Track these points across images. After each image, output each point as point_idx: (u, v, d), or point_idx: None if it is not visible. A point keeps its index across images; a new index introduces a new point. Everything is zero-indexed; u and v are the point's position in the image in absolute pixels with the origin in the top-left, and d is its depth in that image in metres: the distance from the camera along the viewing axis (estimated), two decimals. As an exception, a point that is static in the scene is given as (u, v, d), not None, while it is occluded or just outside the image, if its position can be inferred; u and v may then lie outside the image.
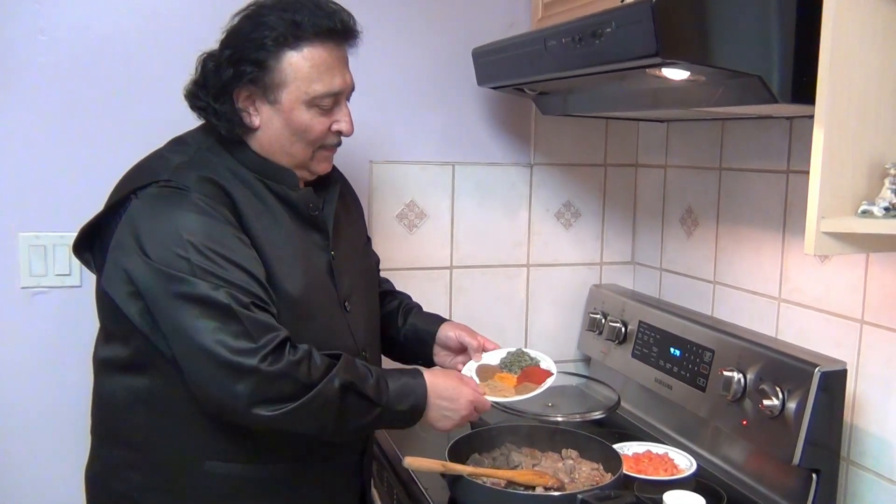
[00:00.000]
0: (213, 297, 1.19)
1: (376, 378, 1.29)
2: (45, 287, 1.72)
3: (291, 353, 1.21)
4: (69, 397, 1.70)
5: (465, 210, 2.05)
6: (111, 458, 1.37)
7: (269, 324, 1.21)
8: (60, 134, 1.69)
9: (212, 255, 1.21)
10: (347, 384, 1.24)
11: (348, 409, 1.25)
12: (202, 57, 1.35)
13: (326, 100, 1.33)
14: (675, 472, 1.57)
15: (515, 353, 1.59)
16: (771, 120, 1.68)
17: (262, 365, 1.17)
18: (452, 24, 1.96)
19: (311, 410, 1.22)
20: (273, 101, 1.31)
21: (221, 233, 1.24)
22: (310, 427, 1.26)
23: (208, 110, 1.33)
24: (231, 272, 1.21)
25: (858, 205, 1.15)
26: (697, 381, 1.67)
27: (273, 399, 1.19)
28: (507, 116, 2.06)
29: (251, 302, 1.21)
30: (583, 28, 1.28)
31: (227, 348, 1.17)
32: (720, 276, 1.88)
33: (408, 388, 1.32)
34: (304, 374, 1.21)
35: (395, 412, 1.30)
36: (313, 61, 1.30)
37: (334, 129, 1.37)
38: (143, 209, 1.26)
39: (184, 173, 1.28)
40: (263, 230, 1.31)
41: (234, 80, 1.29)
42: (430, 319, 1.65)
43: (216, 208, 1.25)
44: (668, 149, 2.07)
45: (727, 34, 1.15)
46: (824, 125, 1.12)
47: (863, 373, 1.48)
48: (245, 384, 1.18)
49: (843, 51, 1.10)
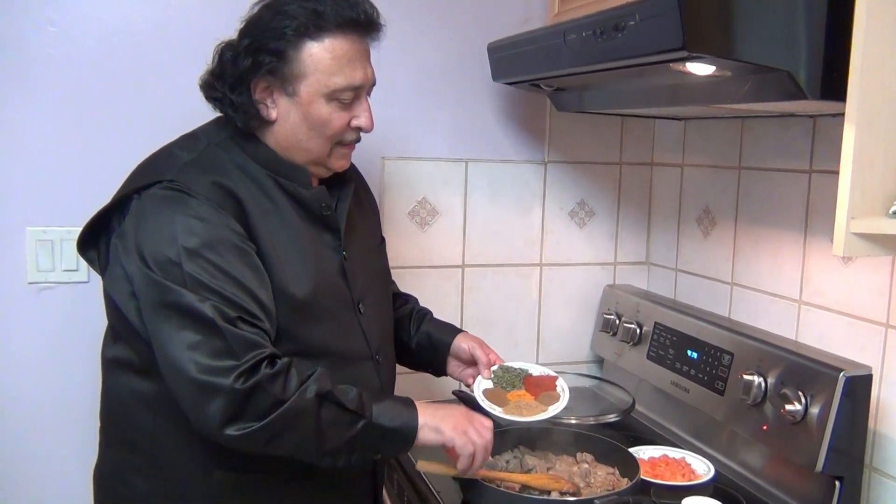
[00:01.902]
0: (198, 310, 1.14)
1: (358, 393, 1.22)
2: (52, 283, 1.69)
3: (268, 367, 1.14)
4: (76, 395, 1.68)
5: (477, 208, 2.02)
6: (118, 461, 1.35)
7: (253, 341, 1.15)
8: (69, 127, 1.67)
9: (206, 264, 1.17)
10: (323, 393, 1.17)
11: (327, 422, 1.18)
12: (220, 46, 1.31)
13: (347, 93, 1.29)
14: (692, 477, 1.53)
15: (503, 371, 1.55)
16: (793, 118, 1.64)
17: (236, 384, 1.11)
18: (466, 20, 1.93)
19: (285, 425, 1.15)
20: (291, 93, 1.27)
21: (221, 241, 1.20)
22: (288, 444, 1.18)
23: (224, 101, 1.29)
24: (223, 283, 1.17)
25: (889, 205, 1.11)
26: (716, 384, 1.63)
27: (246, 417, 1.13)
28: (521, 113, 2.02)
29: (238, 317, 1.15)
30: (605, 21, 1.25)
31: (201, 365, 1.12)
32: (738, 278, 1.84)
33: (395, 407, 1.24)
34: (279, 389, 1.14)
35: (382, 428, 1.21)
36: (334, 53, 1.26)
37: (354, 125, 1.33)
38: (144, 210, 1.23)
39: (190, 174, 1.24)
40: (270, 232, 1.27)
41: (252, 70, 1.25)
42: (444, 329, 1.61)
43: (219, 213, 1.21)
44: (686, 147, 2.03)
45: (755, 27, 1.11)
46: (855, 123, 1.08)
47: (887, 378, 1.44)
48: (217, 404, 1.12)
49: (875, 45, 1.07)
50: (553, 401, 1.49)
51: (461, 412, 1.31)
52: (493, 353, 1.56)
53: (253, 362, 1.13)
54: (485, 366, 1.53)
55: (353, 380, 1.32)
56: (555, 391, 1.52)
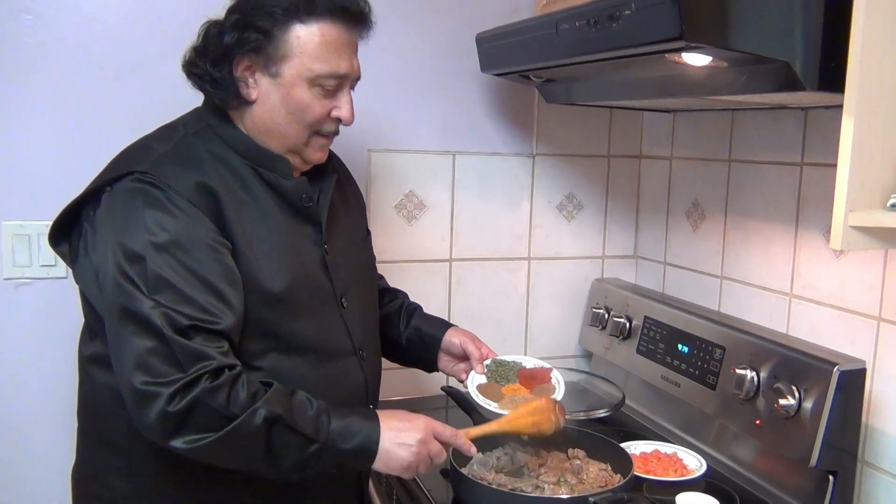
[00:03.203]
0: (147, 317, 1.11)
1: (316, 412, 1.17)
2: (28, 278, 1.65)
3: (208, 381, 1.10)
4: (55, 393, 1.64)
5: (465, 201, 1.99)
6: (96, 462, 1.32)
7: (200, 353, 1.11)
8: (47, 118, 1.62)
9: (172, 260, 1.14)
10: (274, 417, 1.12)
11: (278, 444, 1.14)
12: (206, 24, 1.28)
13: (330, 81, 1.26)
14: (684, 472, 1.52)
15: (496, 365, 1.53)
16: (785, 110, 1.63)
17: (173, 398, 1.08)
18: (453, 9, 1.90)
19: (231, 444, 1.11)
20: (274, 73, 1.24)
21: (190, 237, 1.16)
22: (236, 462, 1.15)
23: (204, 77, 1.26)
24: (186, 282, 1.13)
25: (887, 198, 1.10)
26: (707, 378, 1.62)
27: (187, 430, 1.10)
28: (509, 105, 2.00)
29: (191, 325, 1.11)
30: (599, 11, 1.22)
31: (143, 374, 1.09)
32: (728, 271, 1.83)
33: (355, 425, 1.19)
34: (222, 404, 1.10)
35: (339, 451, 1.18)
36: (322, 38, 1.24)
37: (334, 115, 1.30)
38: (114, 203, 1.20)
39: (163, 166, 1.21)
40: (246, 225, 1.24)
41: (236, 46, 1.22)
42: (435, 324, 1.59)
43: (190, 208, 1.18)
44: (675, 140, 2.02)
45: (753, 17, 1.09)
46: (854, 114, 1.06)
47: (880, 372, 1.43)
48: (154, 414, 1.09)
49: (874, 36, 1.05)
50: (549, 393, 1.48)
51: (422, 439, 1.24)
52: (485, 346, 1.54)
53: (194, 376, 1.10)
54: (477, 361, 1.51)
55: (336, 376, 1.29)
56: (550, 383, 1.50)
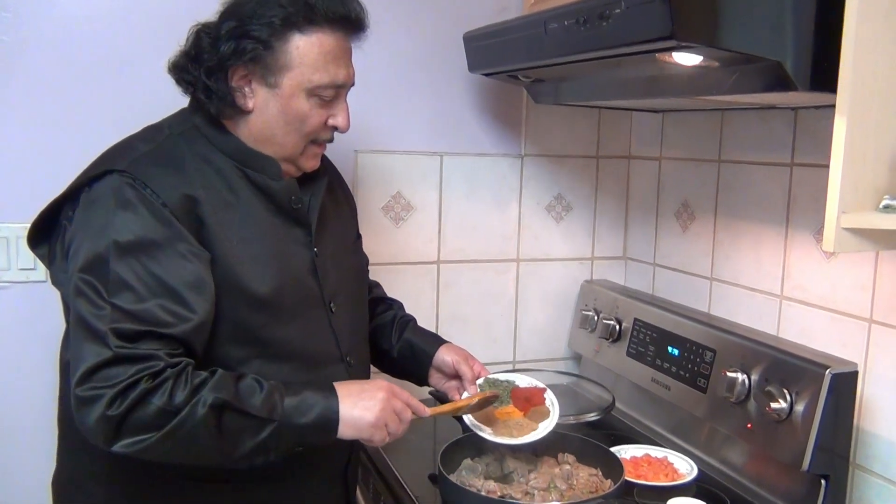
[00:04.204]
0: (96, 325, 1.08)
1: (267, 392, 1.14)
2: (6, 282, 1.61)
3: (148, 382, 1.07)
4: (34, 399, 1.60)
5: (453, 202, 1.97)
6: (76, 469, 1.29)
7: (146, 355, 1.08)
8: (25, 118, 1.58)
9: (135, 262, 1.11)
10: (219, 403, 1.10)
11: (230, 431, 1.11)
12: (196, 27, 1.25)
13: (328, 91, 1.25)
14: (675, 476, 1.51)
15: (489, 384, 1.49)
16: (774, 110, 1.62)
17: (114, 399, 1.06)
18: (440, 8, 1.88)
19: (179, 438, 1.09)
20: (272, 84, 1.22)
21: (157, 240, 1.14)
22: (189, 456, 1.12)
23: (197, 85, 1.23)
24: (146, 287, 1.11)
25: (879, 199, 1.09)
26: (698, 381, 1.60)
27: (130, 432, 1.07)
28: (497, 105, 1.98)
29: (142, 331, 1.09)
30: (588, 9, 1.20)
31: (89, 379, 1.07)
32: (717, 273, 1.82)
33: (310, 399, 1.17)
34: (164, 400, 1.07)
35: (297, 426, 1.15)
36: (322, 48, 1.22)
37: (330, 124, 1.29)
38: (89, 202, 1.18)
39: (143, 166, 1.18)
40: (229, 228, 1.21)
41: (233, 56, 1.19)
42: (427, 339, 1.55)
43: (162, 211, 1.15)
44: (664, 140, 2.00)
45: (745, 16, 1.08)
46: (846, 115, 1.05)
47: (871, 374, 1.42)
48: (94, 418, 1.06)
49: (866, 36, 1.04)
50: (543, 416, 1.44)
51: (383, 397, 1.22)
52: (477, 364, 1.50)
53: (135, 378, 1.07)
54: (470, 382, 1.47)
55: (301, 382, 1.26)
56: (544, 405, 1.47)
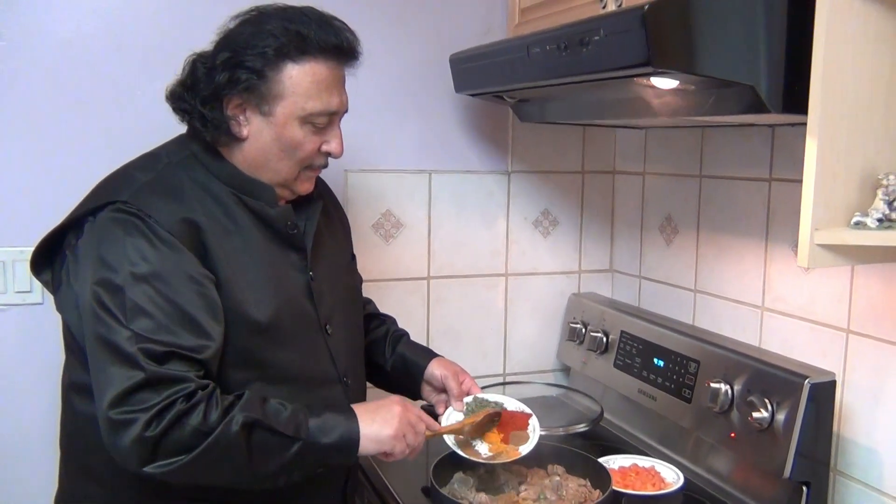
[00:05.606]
0: (124, 347, 1.11)
1: (292, 413, 1.19)
2: (3, 305, 1.63)
3: (183, 403, 1.11)
4: (33, 422, 1.62)
5: (442, 219, 2.01)
6: (78, 492, 1.31)
7: (176, 377, 1.12)
8: (21, 144, 1.61)
9: (152, 291, 1.14)
10: (251, 422, 1.14)
11: (259, 449, 1.15)
12: (192, 57, 1.28)
13: (321, 118, 1.28)
14: (662, 486, 1.54)
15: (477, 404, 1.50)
16: (753, 128, 1.67)
17: (148, 425, 1.09)
18: (427, 30, 1.92)
19: (213, 457, 1.12)
20: (266, 112, 1.25)
21: (170, 269, 1.17)
22: (218, 477, 1.16)
23: (193, 114, 1.26)
24: (164, 313, 1.14)
25: (851, 216, 1.13)
26: (682, 392, 1.64)
27: (165, 454, 1.11)
28: (484, 124, 2.02)
29: (169, 352, 1.12)
30: (569, 36, 1.25)
31: (121, 402, 1.10)
32: (701, 285, 1.86)
33: (332, 420, 1.21)
34: (199, 419, 1.11)
35: (321, 446, 1.19)
36: (314, 77, 1.25)
37: (324, 150, 1.32)
38: (96, 232, 1.20)
39: (145, 196, 1.21)
40: (230, 255, 1.24)
41: (228, 85, 1.22)
42: (419, 353, 1.58)
43: (172, 239, 1.18)
44: (647, 156, 2.05)
45: (718, 43, 1.12)
46: (817, 136, 1.10)
47: (849, 383, 1.47)
48: (130, 440, 1.09)
49: (835, 59, 1.08)
50: (521, 441, 1.46)
51: (399, 411, 1.27)
52: (468, 380, 1.52)
53: (169, 400, 1.10)
54: (456, 398, 1.49)
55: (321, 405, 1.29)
56: (525, 431, 1.48)
